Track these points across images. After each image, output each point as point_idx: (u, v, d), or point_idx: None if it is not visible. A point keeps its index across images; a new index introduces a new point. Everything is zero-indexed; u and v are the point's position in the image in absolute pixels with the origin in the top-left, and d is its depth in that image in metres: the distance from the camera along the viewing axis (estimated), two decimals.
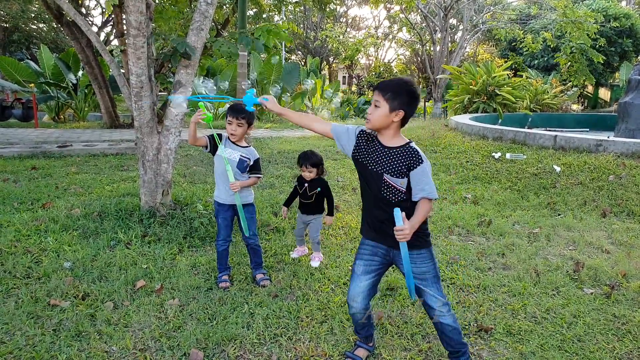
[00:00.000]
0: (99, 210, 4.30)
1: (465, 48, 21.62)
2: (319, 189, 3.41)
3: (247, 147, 3.09)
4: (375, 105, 2.03)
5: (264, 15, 14.76)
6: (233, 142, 3.03)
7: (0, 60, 12.90)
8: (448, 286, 3.17)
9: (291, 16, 27.88)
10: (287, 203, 3.61)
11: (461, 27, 20.28)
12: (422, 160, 2.02)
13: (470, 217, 4.68)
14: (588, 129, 11.21)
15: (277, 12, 15.41)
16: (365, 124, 2.10)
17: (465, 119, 9.81)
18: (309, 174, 3.36)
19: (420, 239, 2.08)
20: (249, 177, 3.06)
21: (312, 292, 3.02)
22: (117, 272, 3.17)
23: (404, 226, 1.89)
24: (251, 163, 3.05)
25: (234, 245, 3.68)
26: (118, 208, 4.28)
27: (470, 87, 12.82)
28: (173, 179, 4.66)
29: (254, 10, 14.45)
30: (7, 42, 24.29)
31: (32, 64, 14.08)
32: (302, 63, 29.21)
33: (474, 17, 17.41)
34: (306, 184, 3.40)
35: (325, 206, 3.52)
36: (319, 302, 2.88)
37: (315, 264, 3.45)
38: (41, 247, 3.54)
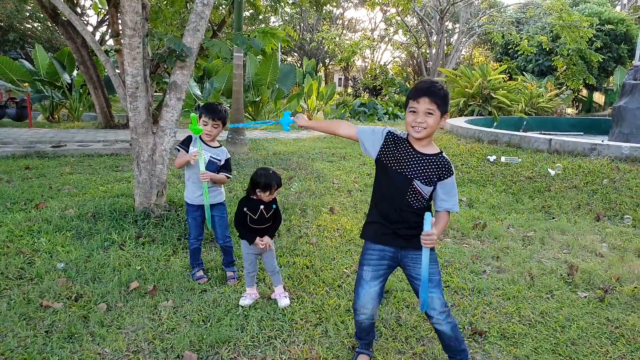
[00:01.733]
0: (93, 211, 4.27)
1: (461, 51, 21.71)
2: (274, 206, 2.78)
3: (218, 147, 3.12)
4: (429, 113, 1.94)
5: (260, 17, 14.77)
6: (204, 142, 3.03)
7: None
8: (443, 289, 3.17)
9: (287, 18, 27.89)
10: (251, 235, 2.76)
11: (457, 29, 20.36)
12: (452, 172, 2.03)
13: (465, 220, 4.70)
14: (582, 133, 11.29)
15: (273, 14, 15.42)
16: (414, 133, 1.98)
17: (460, 121, 9.85)
18: (271, 196, 2.73)
19: None
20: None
21: (306, 294, 3.01)
22: (111, 274, 3.15)
23: (433, 231, 1.90)
24: (222, 163, 3.08)
25: None
26: (112, 209, 4.25)
27: (466, 90, 12.87)
28: (168, 179, 4.63)
29: (251, 11, 14.46)
30: (2, 42, 24.13)
31: (26, 63, 13.98)
32: (299, 65, 29.21)
33: (470, 20, 17.49)
34: (262, 207, 2.72)
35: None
36: (314, 305, 2.87)
37: (285, 302, 2.84)
38: (34, 247, 3.51)
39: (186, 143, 3.06)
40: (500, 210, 5.15)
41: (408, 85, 30.55)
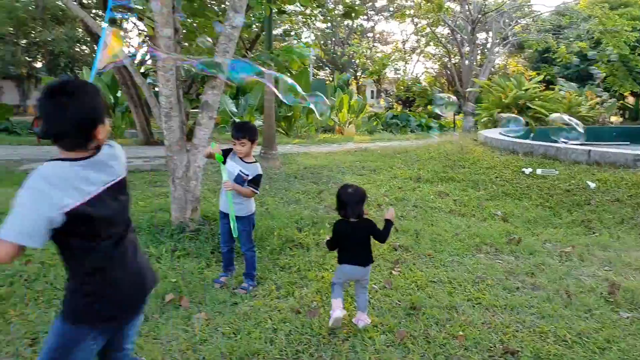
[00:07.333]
0: (132, 225, 4.46)
1: (494, 61, 21.29)
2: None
3: (252, 162, 3.28)
4: None
5: (292, 33, 15.09)
6: (240, 158, 3.26)
7: (45, 82, 13.67)
8: (474, 306, 3.11)
9: (319, 33, 28.31)
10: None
11: (490, 39, 20.03)
12: None
13: (499, 234, 4.58)
14: (628, 142, 10.77)
15: (306, 29, 15.72)
16: None
17: (495, 133, 9.64)
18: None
19: None
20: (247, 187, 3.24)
21: None
22: None
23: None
24: (249, 178, 3.23)
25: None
26: (150, 223, 4.43)
27: (501, 100, 12.61)
28: (203, 195, 4.80)
29: (283, 28, 14.81)
30: (53, 66, 25.87)
31: None
32: (331, 78, 29.51)
33: (503, 30, 17.17)
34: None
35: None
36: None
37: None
38: None
39: (227, 152, 3.30)
40: (536, 225, 5.00)
41: None
